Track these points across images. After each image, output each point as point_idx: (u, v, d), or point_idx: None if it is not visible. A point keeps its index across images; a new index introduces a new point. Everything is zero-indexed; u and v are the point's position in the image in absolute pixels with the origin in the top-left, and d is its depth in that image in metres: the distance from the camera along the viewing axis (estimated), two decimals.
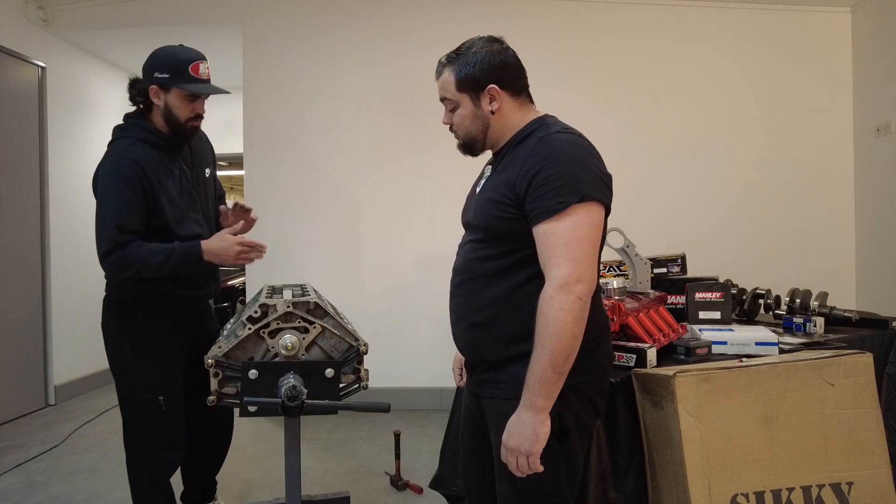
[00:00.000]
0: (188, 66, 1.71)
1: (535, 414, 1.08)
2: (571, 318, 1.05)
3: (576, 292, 1.06)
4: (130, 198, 1.66)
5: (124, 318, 1.81)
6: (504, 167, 1.21)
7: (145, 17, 3.72)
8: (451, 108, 1.27)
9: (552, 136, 1.15)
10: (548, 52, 3.68)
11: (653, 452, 1.52)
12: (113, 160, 1.72)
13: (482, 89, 1.21)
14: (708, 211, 3.72)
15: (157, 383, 1.78)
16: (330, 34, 3.66)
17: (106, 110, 4.39)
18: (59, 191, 3.85)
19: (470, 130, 1.26)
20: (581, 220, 1.08)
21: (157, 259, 1.64)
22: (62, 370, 3.86)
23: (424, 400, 3.57)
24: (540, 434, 1.09)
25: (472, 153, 1.31)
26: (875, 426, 1.53)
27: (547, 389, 1.07)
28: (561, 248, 1.08)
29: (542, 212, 1.09)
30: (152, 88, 1.73)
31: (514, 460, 1.11)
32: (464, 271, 1.27)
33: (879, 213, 3.59)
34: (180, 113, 1.74)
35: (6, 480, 2.63)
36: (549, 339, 1.06)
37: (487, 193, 1.22)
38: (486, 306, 1.21)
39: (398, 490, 2.50)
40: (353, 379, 1.52)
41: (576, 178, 1.09)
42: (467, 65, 1.21)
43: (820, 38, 3.76)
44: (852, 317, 2.19)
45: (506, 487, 1.21)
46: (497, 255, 1.19)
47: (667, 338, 1.80)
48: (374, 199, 3.68)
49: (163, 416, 1.78)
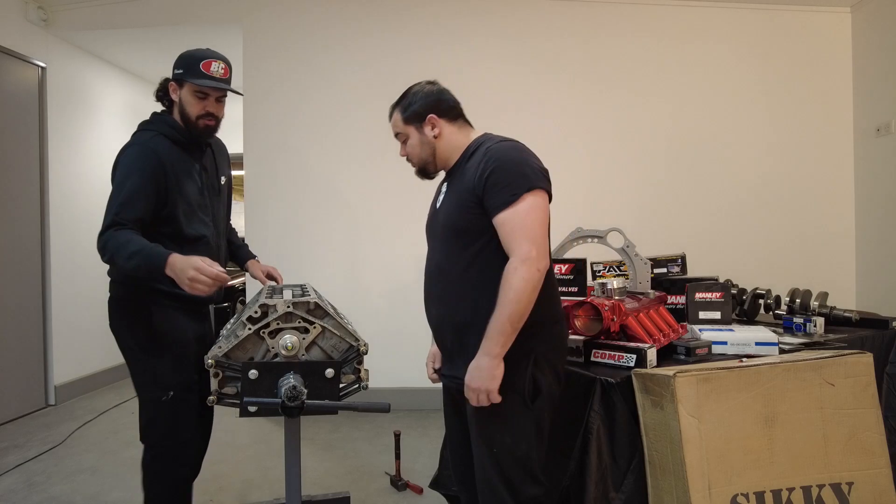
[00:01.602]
0: (200, 62, 1.75)
1: (492, 359, 1.32)
2: (530, 287, 1.30)
3: (534, 265, 1.31)
4: (140, 185, 1.66)
5: (130, 317, 1.81)
6: (460, 178, 1.45)
7: (145, 17, 3.72)
8: (403, 141, 1.55)
9: (496, 146, 1.40)
10: (547, 52, 3.68)
11: (653, 452, 1.52)
12: (133, 150, 1.74)
13: (423, 120, 1.49)
14: (708, 211, 3.73)
15: (167, 378, 1.75)
16: (330, 34, 3.66)
17: (106, 110, 4.40)
18: (59, 191, 3.85)
19: (421, 156, 1.53)
20: (532, 205, 1.33)
21: (129, 250, 1.58)
22: (62, 370, 3.86)
23: (424, 400, 3.57)
24: (496, 374, 1.32)
25: (428, 176, 1.57)
26: (875, 426, 1.53)
27: (503, 340, 1.31)
28: (519, 230, 1.32)
29: (500, 204, 1.33)
30: (171, 84, 1.79)
31: (475, 396, 1.35)
32: (439, 273, 1.48)
33: (879, 213, 3.59)
34: (191, 109, 1.77)
35: (6, 480, 2.63)
36: (510, 301, 1.30)
37: (454, 201, 1.45)
38: (463, 301, 1.42)
39: (398, 490, 2.50)
40: (354, 379, 1.52)
41: (522, 174, 1.35)
42: (410, 103, 1.51)
43: (820, 38, 3.76)
44: (852, 317, 2.19)
45: (482, 453, 1.41)
46: (469, 252, 1.41)
47: (667, 338, 1.80)
48: (374, 198, 3.68)
49: (177, 409, 1.75)
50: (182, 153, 1.79)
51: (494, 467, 1.39)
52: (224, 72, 1.80)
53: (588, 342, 1.72)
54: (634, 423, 1.56)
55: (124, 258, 1.59)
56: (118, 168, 1.73)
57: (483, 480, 1.42)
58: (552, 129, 3.61)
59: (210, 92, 1.77)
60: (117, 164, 1.75)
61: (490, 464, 1.40)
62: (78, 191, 4.03)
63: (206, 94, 1.77)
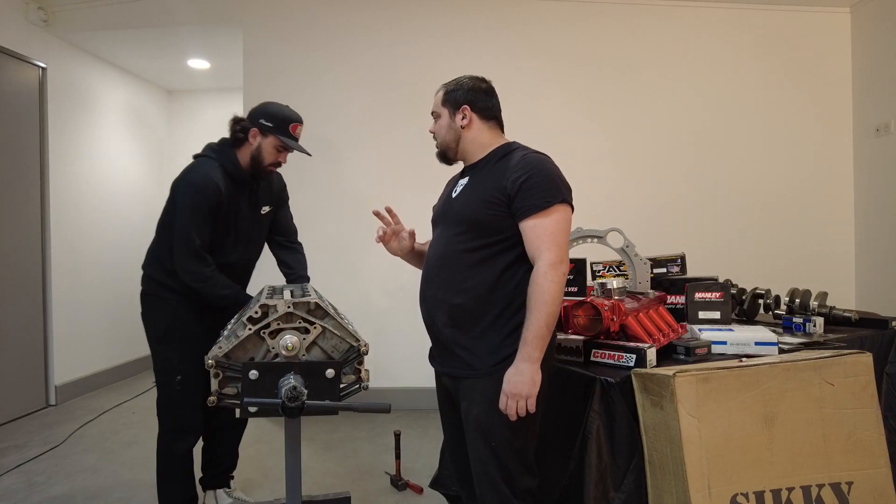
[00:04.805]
0: (290, 124, 2.05)
1: (532, 364, 1.35)
2: (558, 289, 1.36)
3: (561, 270, 1.37)
4: (209, 217, 1.95)
5: (157, 309, 2.05)
6: (488, 175, 1.50)
7: (145, 17, 3.72)
8: (436, 118, 1.61)
9: (533, 155, 1.48)
10: (544, 51, 3.68)
11: (653, 452, 1.52)
12: (205, 180, 1.95)
13: (458, 107, 1.56)
14: (707, 210, 3.73)
15: (177, 366, 2.00)
16: (330, 33, 3.66)
17: (106, 110, 4.40)
18: (59, 191, 3.85)
19: (445, 138, 1.59)
20: (560, 216, 1.41)
21: (224, 291, 1.96)
22: (63, 370, 3.86)
23: (424, 400, 3.57)
24: (536, 380, 1.36)
25: (446, 160, 1.62)
26: (875, 426, 1.53)
27: (541, 344, 1.35)
28: (549, 236, 1.38)
29: (531, 208, 1.39)
30: (253, 130, 2.02)
31: (514, 404, 1.36)
32: (446, 259, 1.50)
33: (879, 213, 3.59)
34: (267, 157, 2.04)
35: (7, 480, 2.63)
36: (544, 304, 1.34)
37: (477, 195, 1.48)
38: (468, 289, 1.45)
39: (398, 490, 2.50)
40: (354, 379, 1.52)
41: (556, 186, 1.42)
42: (455, 89, 1.58)
43: (820, 39, 3.76)
44: (852, 317, 2.19)
45: (480, 447, 1.44)
46: (482, 245, 1.45)
47: (666, 338, 1.80)
48: (374, 198, 3.67)
49: (179, 398, 2.02)
50: (234, 186, 2.03)
51: (493, 460, 1.42)
52: (301, 133, 2.11)
53: (588, 342, 1.72)
54: (634, 423, 1.56)
55: (218, 296, 1.96)
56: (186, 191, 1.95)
57: (481, 474, 1.45)
58: (550, 128, 3.61)
59: (289, 149, 2.06)
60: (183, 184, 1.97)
61: (489, 457, 1.42)
62: (78, 191, 4.03)
63: (285, 149, 2.06)
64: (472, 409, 1.44)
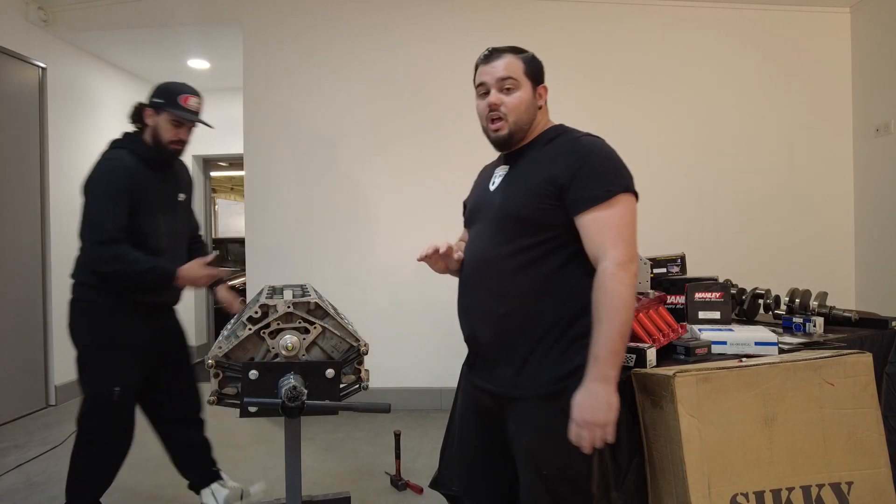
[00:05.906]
0: (179, 96, 2.00)
1: (607, 384, 1.14)
2: (630, 292, 1.15)
3: (631, 270, 1.16)
4: (123, 200, 1.91)
5: (92, 317, 2.04)
6: (534, 164, 1.29)
7: (145, 17, 3.72)
8: (508, 88, 1.29)
9: (587, 138, 1.28)
10: (543, 51, 3.66)
11: (653, 452, 1.52)
12: (110, 164, 1.97)
13: (539, 84, 1.34)
14: (707, 211, 3.73)
15: (115, 376, 1.98)
16: (330, 33, 3.66)
17: (106, 110, 4.40)
18: (59, 191, 3.85)
19: (522, 116, 1.30)
20: (626, 208, 1.20)
21: (143, 266, 1.90)
22: (62, 370, 3.86)
23: (424, 400, 3.57)
24: (613, 403, 1.14)
25: (509, 144, 1.34)
26: (875, 426, 1.53)
27: (617, 360, 1.15)
28: (614, 230, 1.18)
29: (589, 200, 1.19)
30: (147, 110, 2.02)
31: (588, 434, 1.15)
32: (487, 263, 1.30)
33: (879, 213, 3.59)
34: (165, 134, 2.01)
35: (6, 481, 2.63)
36: (617, 311, 1.14)
37: (522, 187, 1.28)
38: (515, 297, 1.26)
39: (398, 490, 2.50)
40: (354, 379, 1.52)
41: (618, 173, 1.23)
42: (534, 60, 1.33)
43: (819, 39, 3.76)
44: (852, 317, 2.19)
45: (530, 477, 1.26)
46: (529, 245, 1.25)
47: (666, 338, 1.80)
48: (374, 198, 3.68)
49: (117, 407, 1.99)
50: (149, 171, 2.02)
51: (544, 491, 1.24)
52: (198, 106, 2.06)
53: None
54: (634, 423, 1.56)
55: (137, 273, 1.90)
56: (96, 181, 1.95)
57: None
58: None
59: (185, 122, 2.02)
60: (94, 176, 1.97)
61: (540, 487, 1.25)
62: (78, 191, 4.02)
63: (181, 124, 2.02)
64: (522, 436, 1.26)
